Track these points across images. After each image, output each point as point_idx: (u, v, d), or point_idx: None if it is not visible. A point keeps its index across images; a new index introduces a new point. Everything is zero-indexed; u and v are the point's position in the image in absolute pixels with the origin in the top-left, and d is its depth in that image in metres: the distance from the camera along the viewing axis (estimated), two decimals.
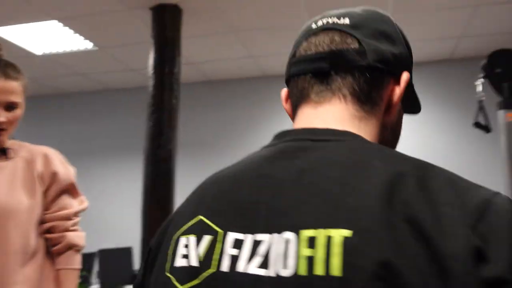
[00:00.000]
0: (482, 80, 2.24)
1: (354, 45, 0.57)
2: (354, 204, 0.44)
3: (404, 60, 0.60)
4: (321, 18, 0.62)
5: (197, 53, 3.96)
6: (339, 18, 0.60)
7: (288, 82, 0.63)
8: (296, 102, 0.61)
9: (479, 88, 2.25)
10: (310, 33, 0.60)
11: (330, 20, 0.60)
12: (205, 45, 3.78)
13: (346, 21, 0.60)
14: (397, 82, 0.59)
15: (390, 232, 0.41)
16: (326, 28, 0.59)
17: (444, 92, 4.13)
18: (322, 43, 0.59)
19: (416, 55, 4.08)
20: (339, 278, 0.41)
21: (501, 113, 2.20)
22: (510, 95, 2.19)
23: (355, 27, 0.59)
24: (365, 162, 0.49)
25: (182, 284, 0.49)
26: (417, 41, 3.73)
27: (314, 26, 0.61)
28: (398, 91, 0.59)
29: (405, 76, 0.59)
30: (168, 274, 0.51)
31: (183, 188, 4.49)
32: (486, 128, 2.23)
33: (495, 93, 2.23)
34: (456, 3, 3.08)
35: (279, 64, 4.23)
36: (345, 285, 0.41)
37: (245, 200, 0.51)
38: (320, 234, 0.44)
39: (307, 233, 0.44)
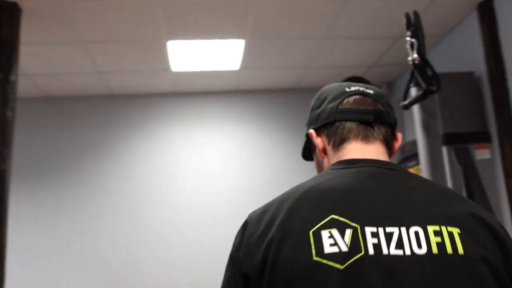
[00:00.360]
0: None
1: (382, 108, 0.91)
2: (454, 214, 0.75)
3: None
4: (350, 86, 0.93)
5: (35, 64, 3.50)
6: (366, 89, 0.93)
7: (324, 124, 0.91)
8: (342, 138, 0.89)
9: None
10: (349, 94, 0.91)
11: (360, 88, 0.92)
12: (45, 55, 3.36)
13: (371, 92, 0.93)
14: (396, 139, 0.94)
15: (480, 231, 0.73)
16: (361, 93, 0.91)
17: (290, 119, 4.35)
18: (364, 103, 0.90)
19: (266, 82, 4.23)
20: (462, 255, 0.69)
21: None
22: None
23: (378, 97, 0.93)
24: (442, 189, 0.81)
25: (342, 264, 0.66)
26: (268, 68, 3.87)
27: (348, 89, 0.92)
28: (396, 145, 0.93)
29: (400, 135, 0.94)
30: (319, 259, 0.67)
31: (17, 215, 3.88)
32: None
33: None
34: (305, 34, 3.28)
35: (129, 83, 3.98)
36: (467, 260, 0.68)
37: (368, 205, 0.74)
38: (443, 229, 0.71)
39: (433, 228, 0.71)
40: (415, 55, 1.61)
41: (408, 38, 1.67)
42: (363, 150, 0.87)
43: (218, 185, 4.15)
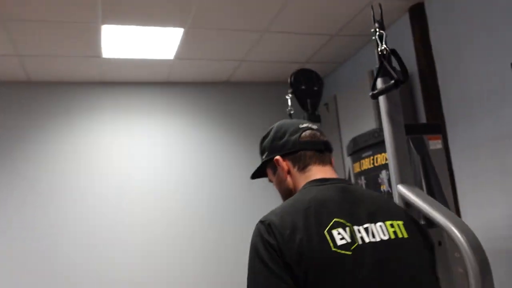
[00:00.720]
0: (290, 95, 2.39)
1: (326, 139, 1.26)
2: (397, 212, 1.15)
3: None
4: (301, 123, 1.26)
5: None
6: (312, 125, 1.27)
7: (290, 152, 1.22)
8: (306, 163, 1.21)
9: (289, 102, 2.40)
10: (304, 129, 1.24)
11: (308, 125, 1.26)
12: None
13: (315, 127, 1.26)
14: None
15: (411, 223, 1.13)
16: (310, 129, 1.25)
17: (220, 113, 4.30)
18: (316, 135, 1.24)
19: (199, 75, 4.14)
20: (407, 238, 1.08)
21: None
22: (313, 110, 2.40)
23: (320, 131, 1.27)
24: (382, 196, 1.42)
25: (349, 251, 0.99)
26: (203, 59, 3.79)
27: (301, 126, 1.25)
28: (333, 165, 1.29)
29: (333, 158, 1.29)
30: (336, 249, 0.98)
31: None
32: None
33: (301, 108, 2.40)
34: (246, 26, 3.25)
35: (49, 69, 3.66)
36: (410, 241, 1.08)
37: (350, 211, 1.07)
38: (395, 222, 1.10)
39: (389, 222, 1.09)
40: (384, 46, 1.66)
41: (376, 30, 1.72)
42: (323, 171, 1.20)
43: (146, 179, 3.98)
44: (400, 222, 1.10)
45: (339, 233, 1.01)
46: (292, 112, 2.42)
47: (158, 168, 4.03)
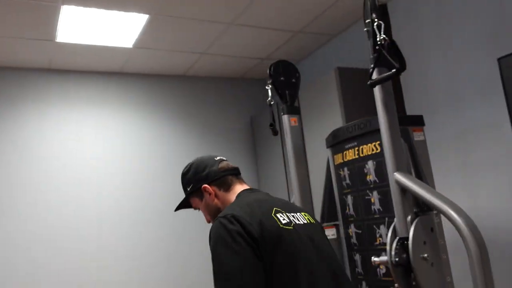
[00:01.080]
0: (270, 86, 2.36)
1: (236, 166, 1.64)
2: (302, 208, 1.61)
3: None
4: (215, 157, 1.62)
5: None
6: (223, 157, 1.63)
7: (214, 179, 1.55)
8: (229, 185, 1.55)
9: (269, 93, 2.37)
10: (219, 161, 1.60)
11: (222, 158, 1.62)
12: None
13: (225, 158, 1.63)
14: None
15: (312, 216, 1.58)
16: (223, 160, 1.61)
17: (175, 107, 4.18)
18: (230, 164, 1.61)
19: (156, 66, 4.00)
20: (315, 223, 1.54)
21: (285, 118, 2.37)
22: (292, 102, 2.39)
23: (229, 160, 1.64)
24: (288, 201, 1.60)
25: (291, 226, 1.38)
26: (163, 50, 3.67)
27: (216, 159, 1.61)
28: None
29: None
30: (282, 226, 1.35)
31: None
32: (273, 130, 2.34)
33: (280, 99, 2.38)
34: (213, 16, 3.18)
35: (5, 51, 3.36)
36: (317, 225, 1.55)
37: (280, 206, 1.46)
38: (305, 213, 1.53)
39: (302, 213, 1.52)
40: (383, 36, 1.69)
41: (374, 20, 1.75)
42: (244, 186, 1.57)
43: (92, 174, 3.76)
44: (307, 213, 1.53)
45: (281, 216, 1.39)
46: (272, 102, 2.39)
47: (110, 160, 3.83)
